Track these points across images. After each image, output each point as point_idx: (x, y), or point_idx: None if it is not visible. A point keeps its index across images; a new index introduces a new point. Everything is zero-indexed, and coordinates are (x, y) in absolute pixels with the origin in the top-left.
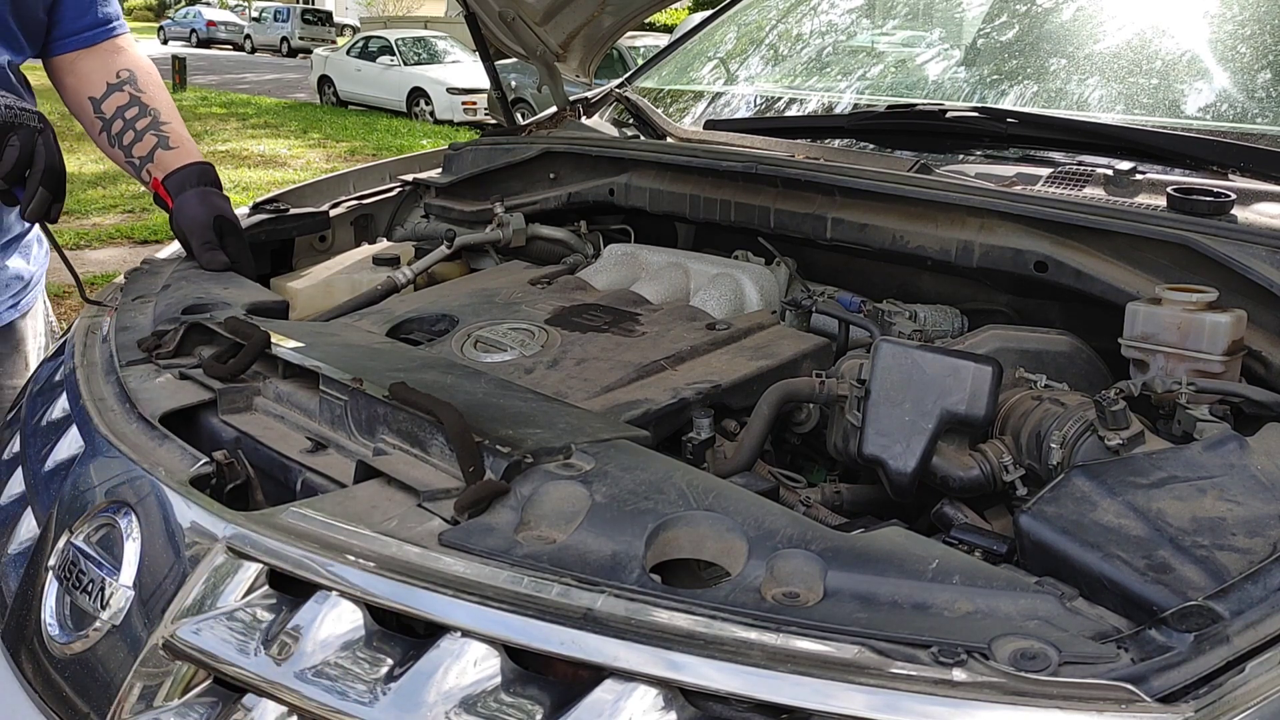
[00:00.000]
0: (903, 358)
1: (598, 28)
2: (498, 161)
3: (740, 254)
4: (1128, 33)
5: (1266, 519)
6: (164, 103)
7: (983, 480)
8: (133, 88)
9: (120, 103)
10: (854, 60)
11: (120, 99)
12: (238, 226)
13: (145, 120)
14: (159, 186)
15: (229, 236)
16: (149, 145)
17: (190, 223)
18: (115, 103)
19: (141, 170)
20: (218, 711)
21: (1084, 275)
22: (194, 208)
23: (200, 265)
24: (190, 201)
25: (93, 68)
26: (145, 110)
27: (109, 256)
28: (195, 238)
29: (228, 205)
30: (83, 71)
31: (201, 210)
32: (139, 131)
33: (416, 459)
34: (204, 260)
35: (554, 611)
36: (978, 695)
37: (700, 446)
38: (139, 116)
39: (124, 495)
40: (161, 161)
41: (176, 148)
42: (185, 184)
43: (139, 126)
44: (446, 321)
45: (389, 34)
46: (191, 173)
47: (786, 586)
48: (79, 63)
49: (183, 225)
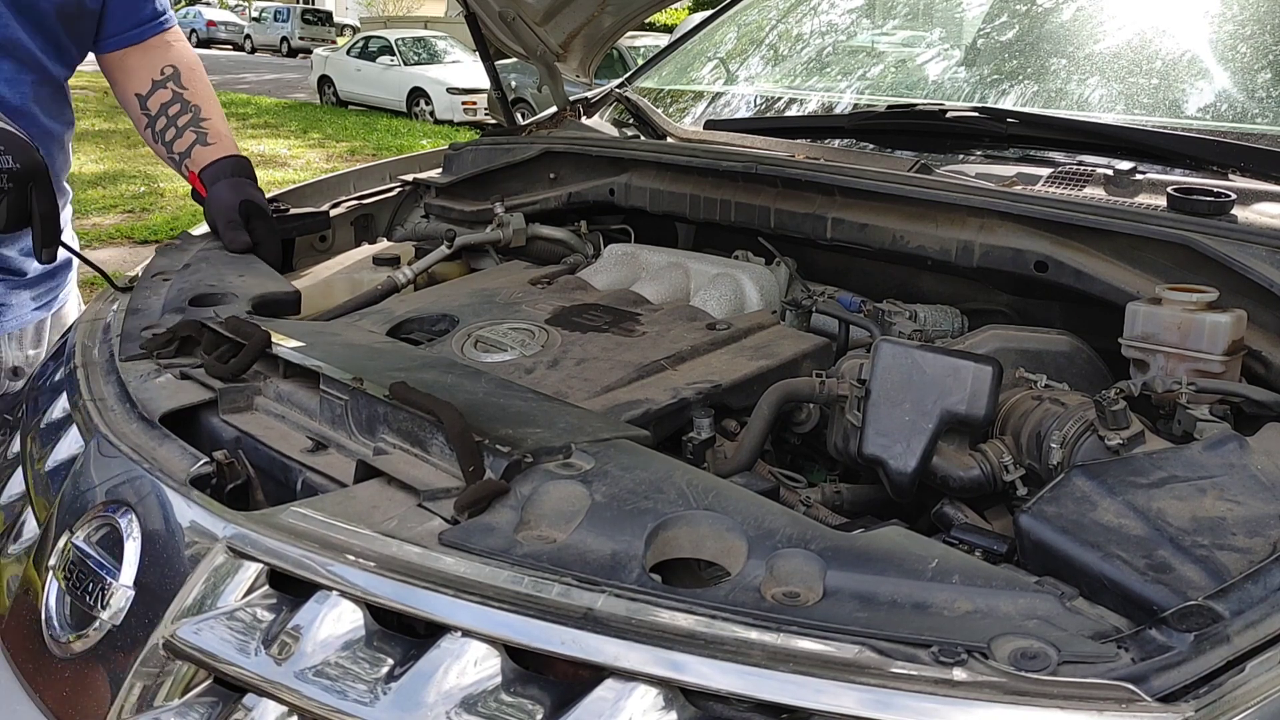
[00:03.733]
0: (903, 358)
1: (598, 28)
2: (498, 161)
3: (740, 254)
4: (1128, 33)
5: (1266, 519)
6: (206, 98)
7: (983, 480)
8: (175, 84)
9: (164, 99)
10: (854, 60)
11: (164, 95)
12: (266, 210)
13: (186, 117)
14: (195, 180)
15: (256, 219)
16: (188, 141)
17: (218, 206)
18: (159, 100)
19: (181, 165)
20: (218, 711)
21: (1084, 275)
22: (224, 194)
23: (224, 245)
24: (221, 189)
25: (139, 64)
26: (187, 107)
27: (109, 256)
28: (220, 219)
29: (258, 193)
30: (131, 68)
31: (230, 195)
32: (180, 128)
33: (417, 459)
34: (227, 239)
35: (554, 611)
36: (978, 695)
37: (700, 446)
38: (181, 113)
39: (124, 495)
40: (198, 157)
41: (214, 143)
42: (219, 175)
43: (180, 123)
44: (447, 321)
45: (389, 34)
46: (226, 165)
47: (786, 586)
48: (128, 59)
49: (212, 210)
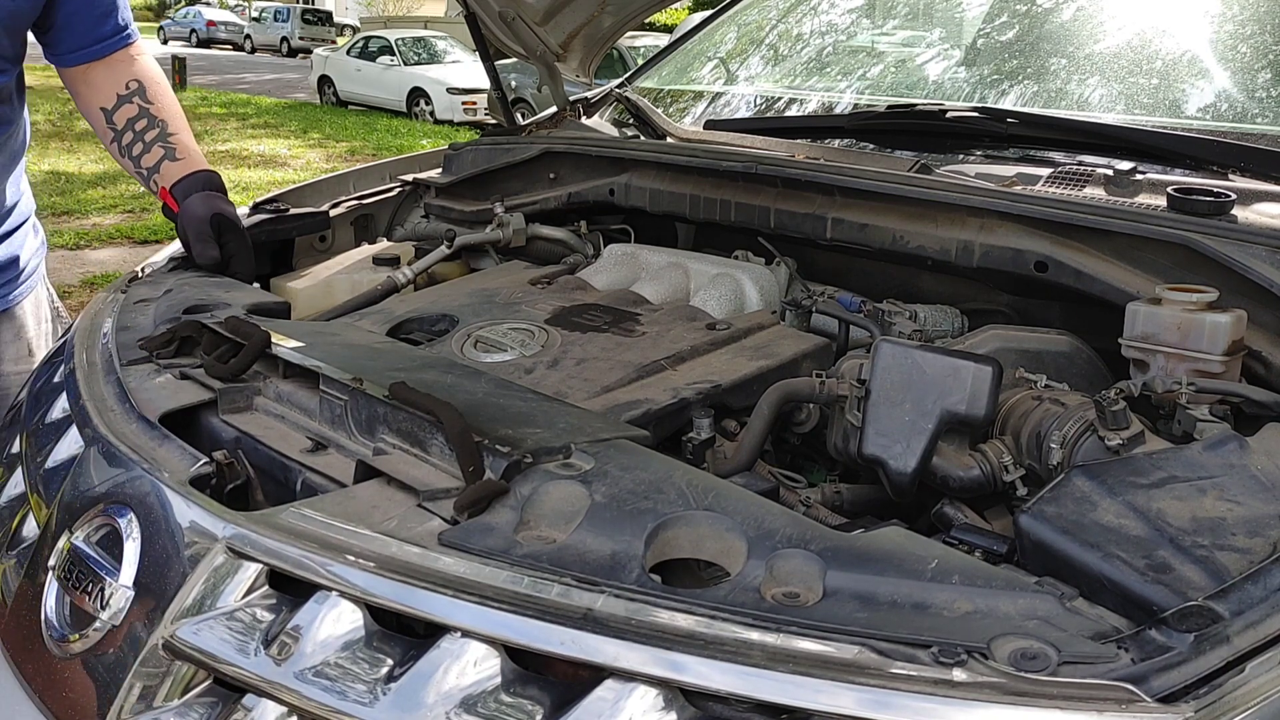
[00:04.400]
0: (903, 358)
1: (598, 28)
2: (498, 161)
3: (740, 254)
4: (1128, 33)
5: (1266, 519)
6: (172, 113)
7: (983, 480)
8: (141, 99)
9: (130, 115)
10: (854, 60)
11: (130, 111)
12: (237, 224)
13: (153, 132)
14: (166, 196)
15: (228, 234)
16: (156, 157)
17: (190, 220)
18: (125, 114)
19: (149, 180)
20: (218, 711)
21: (1084, 275)
22: (195, 208)
23: (195, 259)
24: (193, 204)
25: (104, 78)
26: (154, 122)
27: (109, 256)
28: (192, 232)
29: (229, 207)
30: (95, 82)
31: (202, 209)
32: (147, 143)
33: (416, 459)
34: (197, 253)
35: (554, 611)
36: (977, 695)
37: (700, 446)
38: (148, 129)
39: (124, 495)
40: (167, 172)
41: (182, 159)
42: (190, 190)
43: (147, 139)
44: (446, 321)
45: (389, 34)
46: (196, 180)
47: (786, 586)
48: (91, 73)
49: (183, 224)
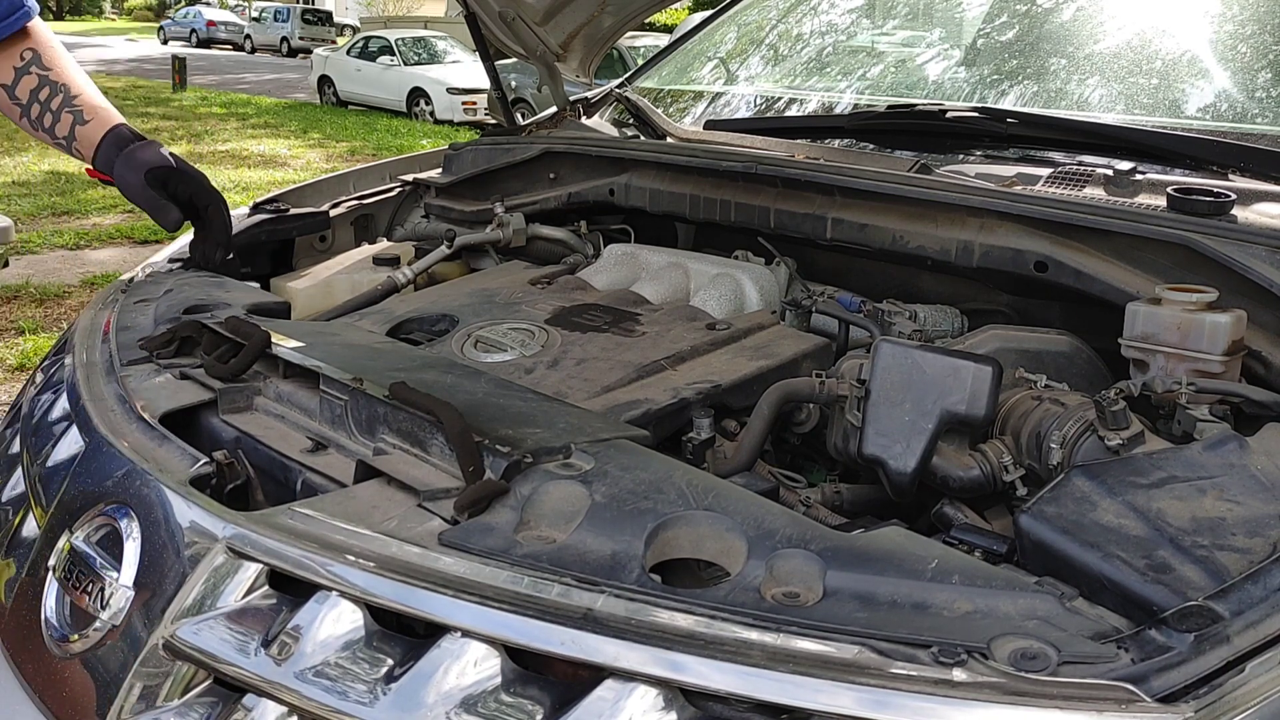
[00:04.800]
0: (903, 358)
1: (598, 28)
2: (498, 161)
3: (740, 254)
4: (1128, 33)
5: (1266, 519)
6: (70, 75)
7: (983, 480)
8: (38, 67)
9: (31, 86)
10: (854, 60)
11: (30, 82)
12: (173, 169)
13: (58, 99)
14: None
15: (170, 181)
16: (68, 124)
17: (130, 193)
18: (26, 86)
19: (71, 149)
20: (218, 711)
21: (1084, 275)
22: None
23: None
24: (122, 173)
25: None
26: (56, 89)
27: (109, 256)
28: (141, 203)
29: (151, 151)
30: None
31: (132, 176)
32: (55, 111)
33: (416, 459)
34: (161, 223)
35: (554, 611)
36: (977, 695)
37: (700, 446)
38: (51, 96)
39: (124, 495)
40: (82, 138)
41: (91, 120)
42: (110, 157)
43: (54, 106)
44: (446, 321)
45: (389, 34)
46: (110, 143)
47: (786, 586)
48: None
49: (130, 199)
